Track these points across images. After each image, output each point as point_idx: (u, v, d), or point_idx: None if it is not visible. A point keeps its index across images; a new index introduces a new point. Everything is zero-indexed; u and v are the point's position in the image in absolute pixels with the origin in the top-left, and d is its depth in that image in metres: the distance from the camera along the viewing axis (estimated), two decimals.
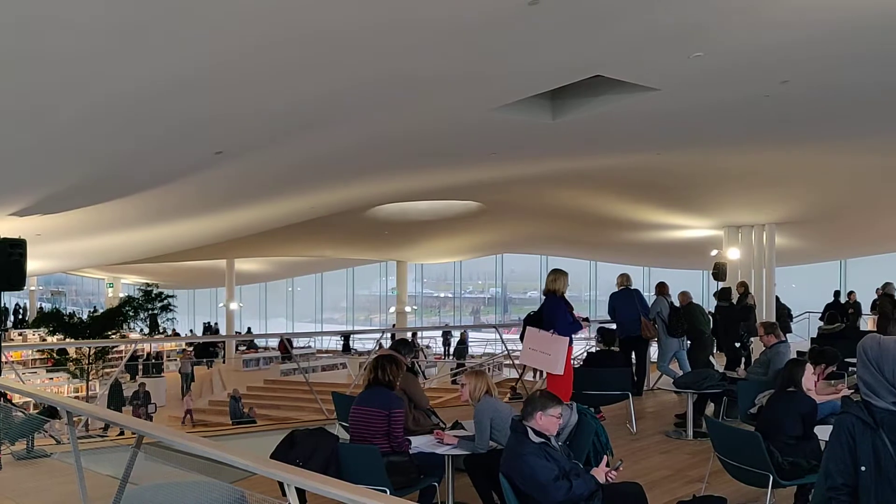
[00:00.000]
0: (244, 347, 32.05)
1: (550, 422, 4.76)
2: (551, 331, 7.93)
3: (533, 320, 8.31)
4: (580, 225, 20.56)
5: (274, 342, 30.54)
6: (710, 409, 9.40)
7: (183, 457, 4.88)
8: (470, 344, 30.39)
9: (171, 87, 5.74)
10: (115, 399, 20.13)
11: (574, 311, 8.22)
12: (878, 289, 17.88)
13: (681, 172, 13.09)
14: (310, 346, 33.40)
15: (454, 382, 21.37)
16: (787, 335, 13.54)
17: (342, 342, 32.47)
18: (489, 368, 24.29)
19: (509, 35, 5.35)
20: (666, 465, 7.68)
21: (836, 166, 12.71)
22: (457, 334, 30.09)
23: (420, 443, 6.06)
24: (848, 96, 7.95)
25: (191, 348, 29.24)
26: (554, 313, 8.01)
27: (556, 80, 6.69)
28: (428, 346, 30.61)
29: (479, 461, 5.82)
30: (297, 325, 44.66)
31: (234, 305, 32.37)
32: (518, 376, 14.19)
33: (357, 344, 31.11)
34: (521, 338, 8.62)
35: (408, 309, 30.23)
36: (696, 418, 8.69)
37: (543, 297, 8.31)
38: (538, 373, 20.18)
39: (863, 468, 3.44)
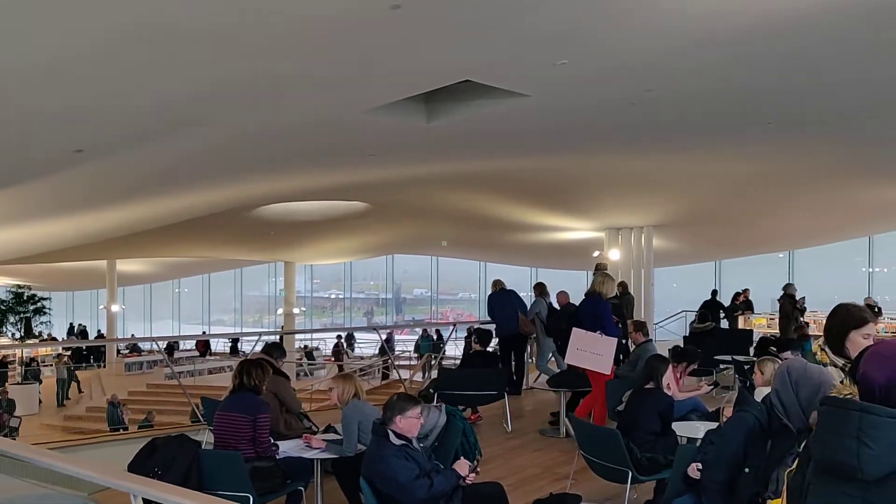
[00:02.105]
0: (127, 350, 30.94)
1: (411, 423, 4.78)
2: (598, 331, 8.17)
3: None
4: (468, 226, 20.76)
5: (160, 344, 29.54)
6: None
7: (43, 470, 4.69)
8: (363, 345, 30.26)
9: (16, 84, 5.48)
10: None
11: None
12: (745, 289, 18.87)
13: (562, 176, 13.39)
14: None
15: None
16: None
17: (230, 344, 31.80)
18: (378, 369, 24.31)
19: (374, 38, 5.35)
20: (537, 463, 7.84)
21: (708, 172, 13.25)
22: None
23: (288, 447, 6.01)
24: (711, 105, 8.28)
25: (68, 352, 27.95)
26: (602, 314, 8.34)
27: (426, 84, 6.73)
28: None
29: (347, 464, 5.80)
30: (184, 328, 43.42)
31: (115, 308, 31.14)
32: (400, 377, 14.16)
33: (246, 346, 30.46)
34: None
35: (296, 310, 29.81)
36: (570, 416, 8.90)
37: (584, 297, 8.68)
38: (427, 373, 20.32)
39: (746, 470, 3.60)
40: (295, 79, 6.16)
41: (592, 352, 8.15)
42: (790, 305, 15.19)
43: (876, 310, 12.15)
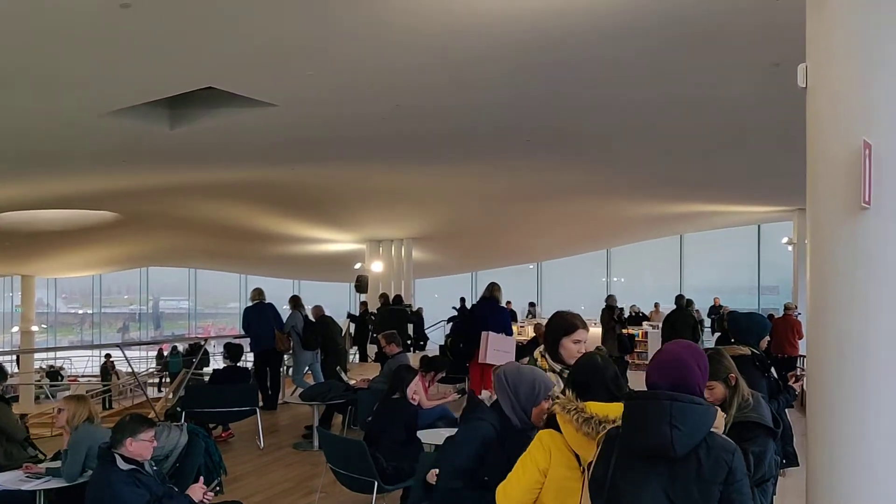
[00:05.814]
0: None
1: (143, 447, 4.53)
2: (501, 333, 9.45)
3: (464, 322, 10.19)
4: (227, 238, 20.18)
5: None
6: (339, 419, 9.66)
7: None
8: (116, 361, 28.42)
9: None
10: None
11: None
12: (507, 301, 19.75)
13: (319, 188, 13.38)
14: None
15: None
16: None
17: None
18: (130, 389, 22.88)
19: (106, 38, 5.05)
20: (288, 478, 7.75)
21: (460, 187, 13.80)
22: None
23: (5, 479, 5.48)
24: (458, 122, 8.63)
25: None
26: (504, 317, 9.72)
27: (165, 89, 6.45)
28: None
29: (78, 493, 5.40)
30: None
31: None
32: (147, 397, 13.49)
33: None
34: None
35: (35, 328, 27.32)
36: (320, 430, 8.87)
37: (482, 301, 10.22)
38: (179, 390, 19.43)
39: (486, 478, 3.54)
40: (20, 75, 5.67)
41: (504, 351, 9.40)
42: (607, 316, 15.26)
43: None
